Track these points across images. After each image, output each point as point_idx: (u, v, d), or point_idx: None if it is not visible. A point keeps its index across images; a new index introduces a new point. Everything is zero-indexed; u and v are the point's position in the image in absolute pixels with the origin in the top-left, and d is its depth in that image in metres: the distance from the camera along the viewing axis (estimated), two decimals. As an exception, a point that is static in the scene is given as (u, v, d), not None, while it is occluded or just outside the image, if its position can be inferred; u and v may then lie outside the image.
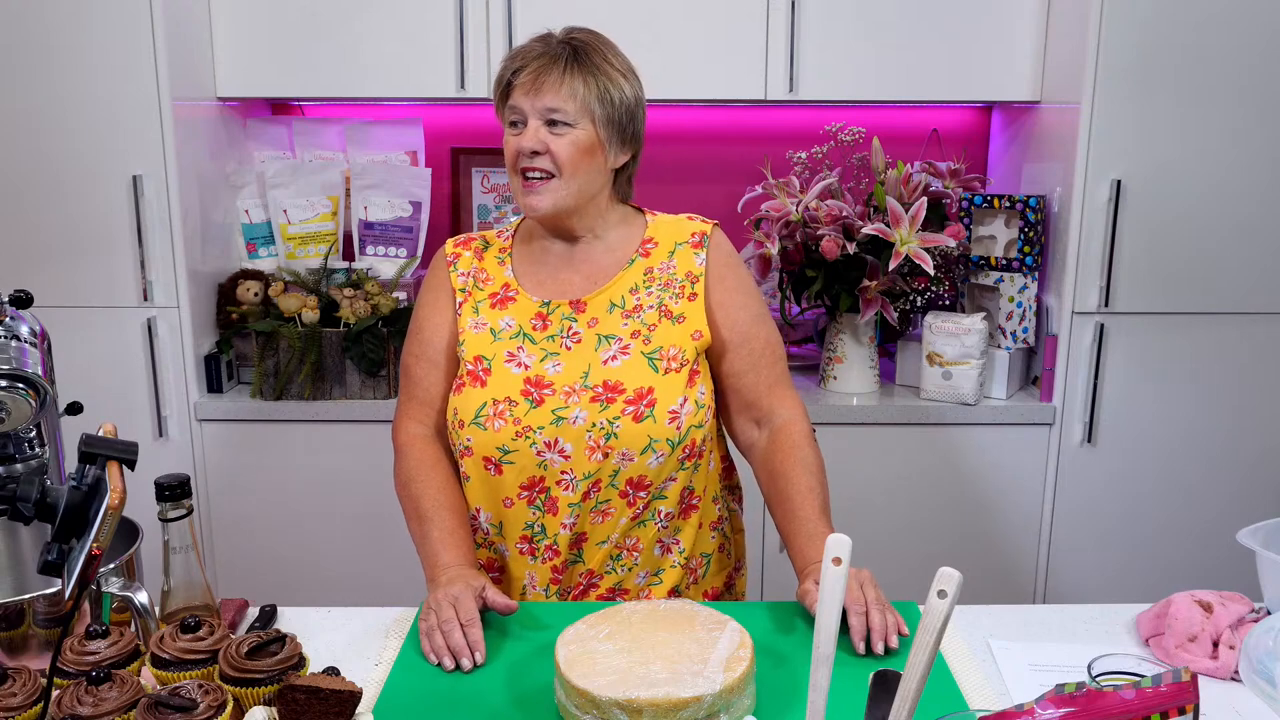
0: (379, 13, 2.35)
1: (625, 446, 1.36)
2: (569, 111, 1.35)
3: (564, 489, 1.38)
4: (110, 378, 2.32)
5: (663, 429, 1.36)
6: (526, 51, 1.38)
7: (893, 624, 1.22)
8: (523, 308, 1.44)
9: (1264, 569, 1.26)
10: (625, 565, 1.43)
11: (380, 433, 2.35)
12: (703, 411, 1.40)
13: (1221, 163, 2.24)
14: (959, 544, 2.40)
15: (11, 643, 1.11)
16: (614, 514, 1.40)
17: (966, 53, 2.38)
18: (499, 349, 1.42)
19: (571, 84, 1.36)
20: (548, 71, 1.35)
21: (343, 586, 2.41)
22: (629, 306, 1.42)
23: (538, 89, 1.35)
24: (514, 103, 1.37)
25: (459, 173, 2.72)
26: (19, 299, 1.13)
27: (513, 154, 1.38)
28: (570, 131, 1.36)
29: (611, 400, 1.36)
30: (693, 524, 1.45)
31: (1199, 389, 2.35)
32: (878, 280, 2.32)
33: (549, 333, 1.42)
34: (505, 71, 1.39)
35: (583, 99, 1.36)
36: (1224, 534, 1.81)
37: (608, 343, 1.40)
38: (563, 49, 1.37)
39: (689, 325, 1.41)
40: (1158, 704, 0.77)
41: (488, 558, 1.47)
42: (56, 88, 2.21)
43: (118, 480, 0.95)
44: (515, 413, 1.37)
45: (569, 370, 1.39)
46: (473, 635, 1.21)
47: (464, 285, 1.48)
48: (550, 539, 1.40)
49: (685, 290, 1.43)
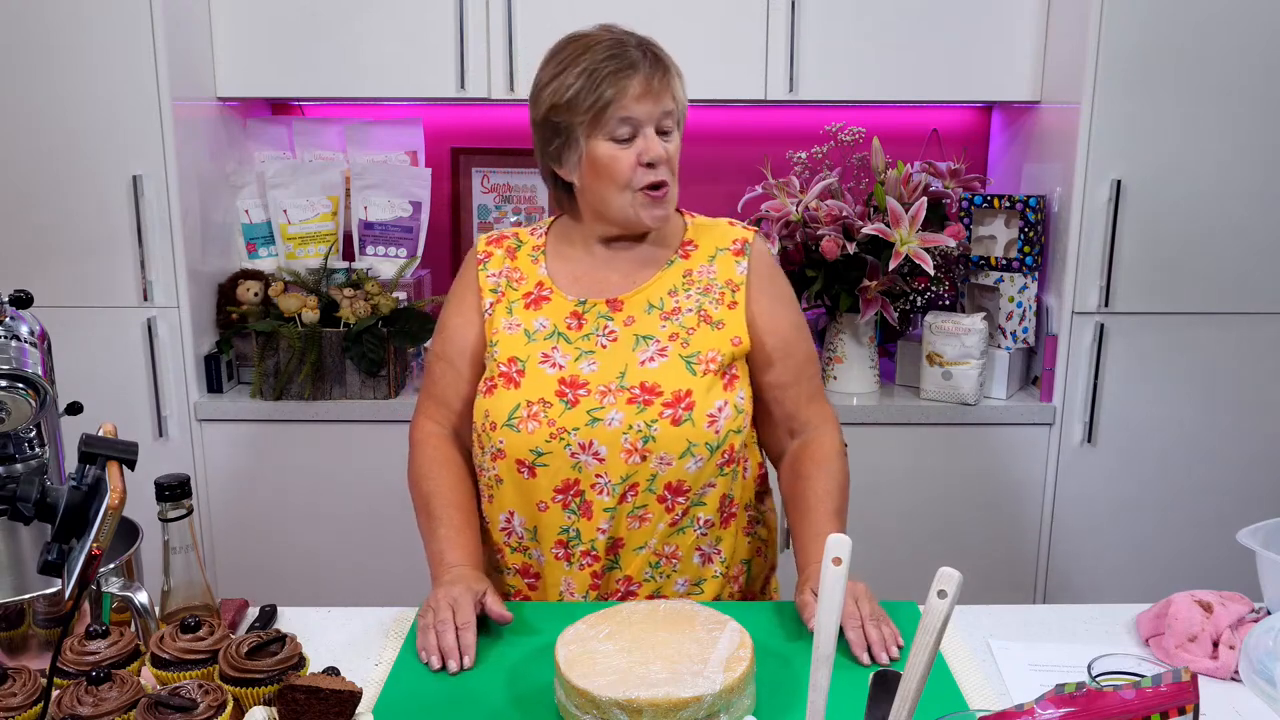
0: (379, 13, 2.35)
1: (663, 450, 1.33)
2: (676, 116, 1.35)
3: (599, 493, 1.35)
4: (110, 378, 2.32)
5: (701, 432, 1.34)
6: (624, 59, 1.32)
7: (890, 635, 1.21)
8: (557, 307, 1.42)
9: (1264, 569, 1.26)
10: (664, 573, 1.40)
11: (380, 432, 2.36)
12: (741, 417, 1.38)
13: (1221, 162, 2.24)
14: (959, 544, 2.40)
15: (11, 643, 1.11)
16: (651, 519, 1.37)
17: (966, 53, 2.38)
18: (533, 350, 1.39)
19: (676, 87, 1.35)
20: (663, 78, 1.33)
21: (343, 586, 2.41)
22: (667, 308, 1.40)
23: (655, 95, 1.32)
24: (629, 114, 1.31)
25: (459, 173, 2.72)
26: (19, 299, 1.13)
27: (629, 167, 1.33)
28: (675, 136, 1.36)
29: (649, 402, 1.34)
30: (731, 533, 1.43)
31: (1199, 389, 2.35)
32: (878, 280, 2.32)
33: (584, 331, 1.39)
34: (615, 82, 1.31)
35: (680, 102, 1.36)
36: (1224, 534, 1.81)
37: (645, 343, 1.38)
38: (647, 52, 1.34)
39: (728, 331, 1.39)
40: (1158, 704, 0.77)
41: (522, 563, 1.43)
42: (56, 88, 2.21)
43: (118, 480, 0.95)
44: (549, 414, 1.34)
45: (605, 369, 1.36)
46: (465, 639, 1.20)
47: (495, 285, 1.45)
48: (586, 544, 1.37)
49: (725, 298, 1.41)
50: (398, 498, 2.35)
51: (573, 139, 1.35)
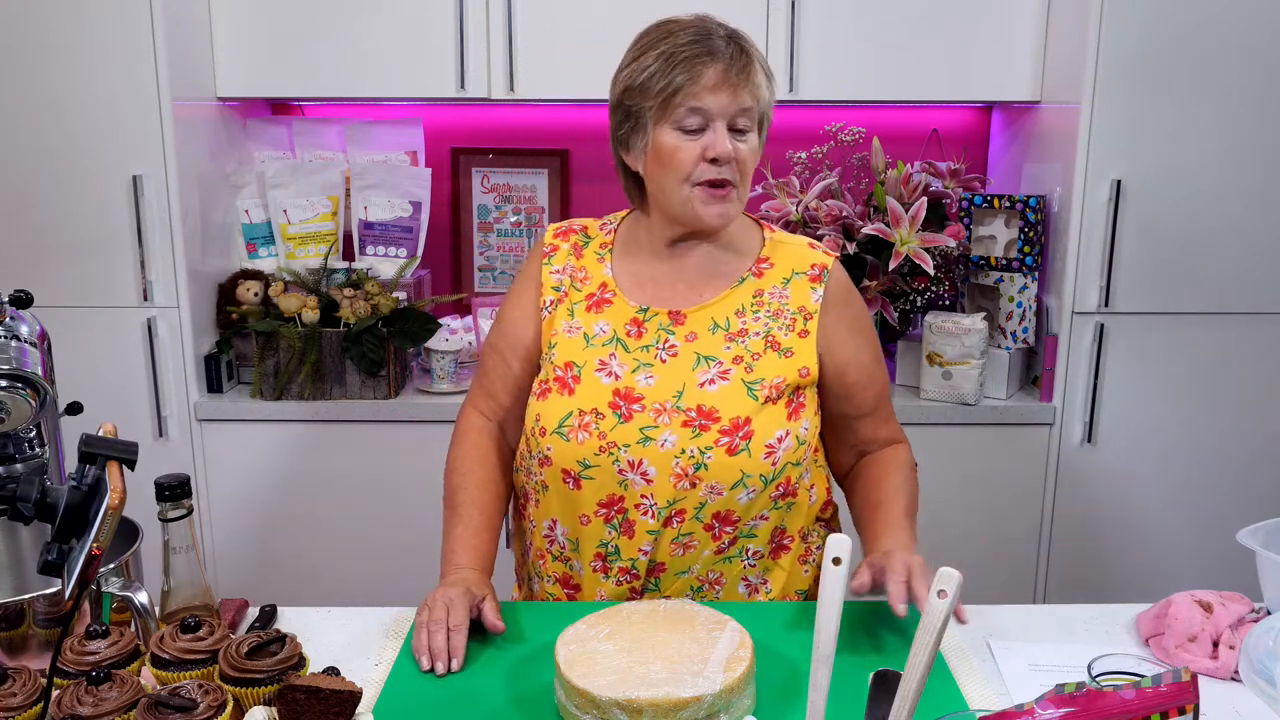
0: (379, 13, 2.35)
1: (715, 479, 1.28)
2: (755, 116, 1.28)
3: (643, 513, 1.30)
4: (110, 378, 2.32)
5: (757, 464, 1.28)
6: (710, 48, 1.25)
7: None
8: (619, 311, 1.36)
9: (1264, 569, 1.26)
10: (707, 599, 1.36)
11: (380, 433, 2.36)
12: (803, 449, 1.32)
13: (1221, 162, 2.24)
14: (959, 544, 2.40)
15: (11, 643, 1.11)
16: (696, 546, 1.32)
17: (966, 53, 2.38)
18: (591, 356, 1.34)
19: (760, 86, 1.27)
20: (745, 74, 1.25)
21: (343, 586, 2.41)
22: (733, 329, 1.34)
23: (732, 88, 1.24)
24: (703, 104, 1.25)
25: (459, 173, 2.72)
26: (19, 299, 1.13)
27: (691, 159, 1.26)
28: (751, 137, 1.28)
29: (705, 428, 1.28)
30: (784, 566, 1.38)
31: (1199, 389, 2.35)
32: (878, 280, 2.32)
33: (643, 342, 1.34)
34: (691, 68, 1.24)
35: (763, 103, 1.29)
36: (1224, 534, 1.81)
37: (706, 364, 1.32)
38: (732, 43, 1.26)
39: (796, 360, 1.33)
40: (1158, 704, 0.77)
41: (563, 573, 1.39)
42: (56, 88, 2.20)
43: (118, 480, 0.95)
44: (601, 426, 1.30)
45: (661, 385, 1.31)
46: (455, 641, 1.19)
47: (558, 284, 1.40)
48: (626, 562, 1.33)
49: (796, 325, 1.34)
50: (398, 498, 2.36)
51: (641, 124, 1.30)
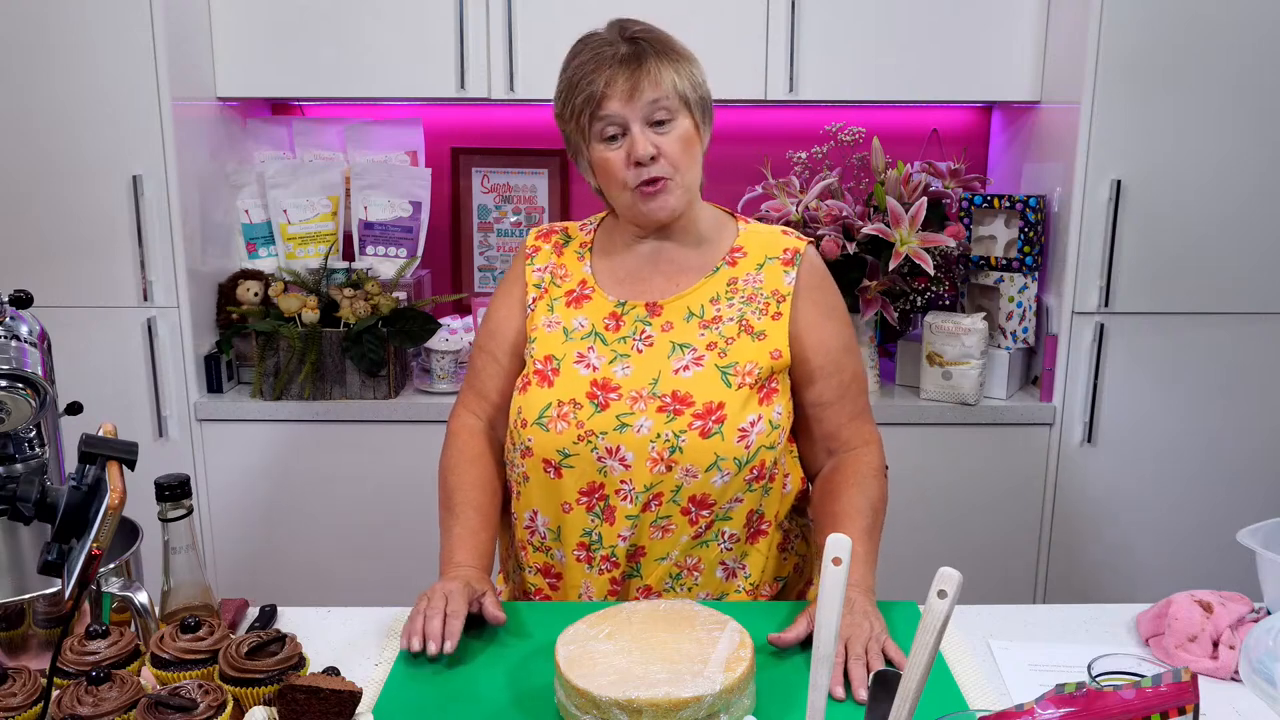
0: (379, 13, 2.35)
1: (689, 462, 1.31)
2: (670, 104, 1.30)
3: (622, 499, 1.33)
4: (110, 378, 2.32)
5: (730, 447, 1.31)
6: (600, 57, 1.30)
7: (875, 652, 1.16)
8: (597, 306, 1.40)
9: (1264, 569, 1.26)
10: (686, 585, 1.38)
11: (380, 433, 2.36)
12: (776, 432, 1.35)
13: (1221, 162, 2.24)
14: (959, 544, 2.40)
15: (11, 643, 1.11)
16: (674, 530, 1.35)
17: (966, 53, 2.38)
18: (569, 349, 1.38)
19: (663, 74, 1.30)
20: (639, 70, 1.29)
21: (343, 586, 2.41)
22: (708, 316, 1.37)
23: (630, 87, 1.29)
24: (609, 112, 1.30)
25: (459, 173, 2.72)
26: (19, 299, 1.13)
27: (620, 167, 1.32)
28: (673, 126, 1.32)
29: (679, 412, 1.32)
30: (761, 550, 1.40)
31: (1199, 389, 2.34)
32: (878, 280, 2.32)
33: (621, 334, 1.38)
34: (588, 85, 1.30)
35: (678, 87, 1.31)
36: (1224, 534, 1.81)
37: (681, 351, 1.35)
38: (636, 45, 1.31)
39: (769, 343, 1.36)
40: (1158, 704, 0.77)
41: (544, 563, 1.42)
42: (56, 88, 2.20)
43: (118, 480, 0.95)
44: (579, 415, 1.34)
45: (638, 374, 1.35)
46: (451, 625, 1.19)
47: (539, 281, 1.44)
48: (607, 549, 1.35)
49: (769, 308, 1.37)
50: (398, 498, 2.36)
51: (575, 145, 1.36)
